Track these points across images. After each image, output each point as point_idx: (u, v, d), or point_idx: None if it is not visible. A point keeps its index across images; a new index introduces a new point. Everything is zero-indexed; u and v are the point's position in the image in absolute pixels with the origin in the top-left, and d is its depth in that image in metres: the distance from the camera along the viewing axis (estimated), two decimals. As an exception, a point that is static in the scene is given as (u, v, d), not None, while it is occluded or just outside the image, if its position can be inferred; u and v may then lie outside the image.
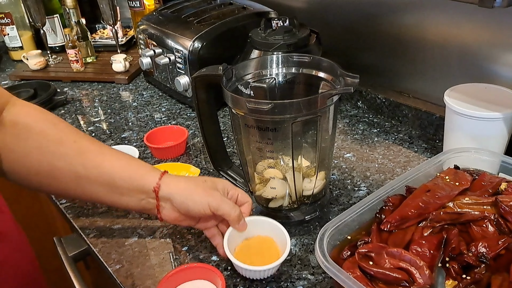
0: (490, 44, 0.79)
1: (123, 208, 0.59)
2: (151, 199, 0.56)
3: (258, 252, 0.61)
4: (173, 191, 0.55)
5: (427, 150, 0.86)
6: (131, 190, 0.55)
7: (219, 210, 0.56)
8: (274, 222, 0.62)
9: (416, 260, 0.52)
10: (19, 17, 1.41)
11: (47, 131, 0.54)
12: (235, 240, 0.61)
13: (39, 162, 0.53)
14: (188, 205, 0.56)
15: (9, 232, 0.52)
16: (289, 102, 0.56)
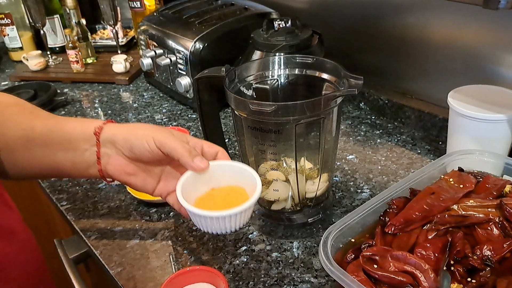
0: (494, 46, 0.79)
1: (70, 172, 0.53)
2: (94, 147, 0.50)
3: (222, 203, 0.51)
4: (117, 131, 0.50)
5: (430, 152, 0.86)
6: (74, 141, 0.51)
7: (166, 145, 0.48)
8: (246, 168, 0.52)
9: (421, 263, 0.51)
10: (19, 18, 1.41)
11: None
12: (197, 188, 0.52)
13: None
14: (131, 141, 0.49)
15: (17, 230, 0.51)
16: (293, 104, 0.56)
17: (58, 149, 0.51)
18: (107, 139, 0.50)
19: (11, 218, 0.51)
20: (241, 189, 0.52)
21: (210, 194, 0.52)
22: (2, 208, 0.50)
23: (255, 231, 0.69)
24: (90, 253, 0.71)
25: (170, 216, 0.74)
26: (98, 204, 0.78)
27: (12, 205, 0.52)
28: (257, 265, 0.63)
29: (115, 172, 0.52)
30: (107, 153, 0.51)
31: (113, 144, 0.50)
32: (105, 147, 0.51)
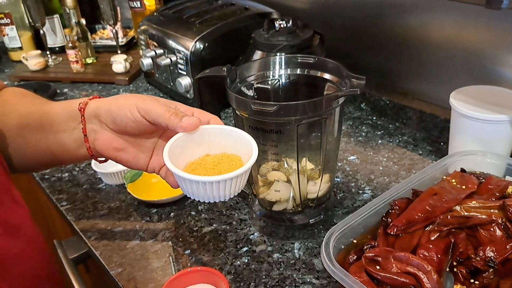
0: (496, 46, 0.79)
1: (63, 156, 0.52)
2: (81, 124, 0.49)
3: (214, 170, 0.46)
4: (100, 104, 0.48)
5: (432, 152, 0.85)
6: (63, 121, 0.49)
7: (151, 112, 0.45)
8: (241, 133, 0.47)
9: (424, 264, 0.51)
10: (18, 17, 1.40)
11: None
12: (188, 153, 0.47)
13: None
14: (112, 111, 0.46)
15: (24, 226, 0.50)
16: (295, 104, 0.55)
17: (49, 132, 0.50)
18: (92, 113, 0.48)
19: (18, 214, 0.50)
20: (236, 156, 0.48)
21: (202, 160, 0.48)
22: (10, 203, 0.49)
23: (256, 232, 0.69)
24: (90, 253, 0.70)
25: (171, 217, 0.73)
26: (98, 205, 0.77)
27: (20, 201, 0.52)
28: (258, 266, 0.63)
29: (103, 148, 0.49)
30: (93, 129, 0.49)
31: (97, 117, 0.48)
32: (91, 123, 0.49)
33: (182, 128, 0.45)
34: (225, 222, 0.71)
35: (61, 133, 0.50)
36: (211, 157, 0.48)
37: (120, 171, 0.80)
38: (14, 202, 0.51)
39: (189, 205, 0.76)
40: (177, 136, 0.46)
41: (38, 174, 0.87)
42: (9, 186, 0.51)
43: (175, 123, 0.45)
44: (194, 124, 0.45)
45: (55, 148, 0.51)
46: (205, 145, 0.48)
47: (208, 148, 0.48)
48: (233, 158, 0.47)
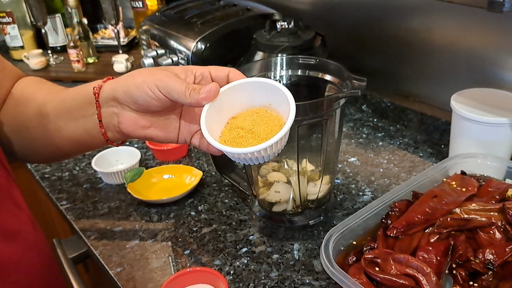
0: (497, 49, 0.79)
1: (88, 141, 0.50)
2: (92, 104, 0.47)
3: (253, 132, 0.45)
4: (115, 85, 0.46)
5: (433, 155, 0.85)
6: (80, 107, 0.48)
7: (172, 91, 0.44)
8: (264, 82, 0.45)
9: (423, 266, 0.51)
10: (20, 16, 1.40)
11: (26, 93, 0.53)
12: (220, 120, 0.46)
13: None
14: (131, 93, 0.44)
15: (25, 231, 0.49)
16: (295, 105, 0.55)
17: (69, 119, 0.49)
18: (109, 96, 0.46)
19: (18, 218, 0.50)
20: (265, 110, 0.46)
21: (233, 124, 0.46)
22: (11, 208, 0.49)
23: (255, 233, 0.69)
24: (89, 253, 0.70)
25: (170, 217, 0.73)
26: (98, 204, 0.77)
27: (22, 206, 0.51)
28: (258, 267, 0.63)
29: (130, 129, 0.47)
30: (114, 112, 0.47)
31: (116, 100, 0.46)
32: (110, 106, 0.47)
33: (204, 100, 0.44)
34: (224, 222, 0.71)
35: (81, 119, 0.49)
36: (241, 117, 0.46)
37: (120, 171, 0.80)
38: (15, 206, 0.50)
39: (189, 205, 0.76)
40: (205, 108, 0.45)
41: (39, 173, 0.87)
42: (10, 189, 0.50)
43: (195, 99, 0.43)
44: (213, 93, 0.44)
45: (78, 136, 0.50)
46: (231, 106, 0.46)
47: (234, 108, 0.46)
48: (265, 114, 0.45)
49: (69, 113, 0.49)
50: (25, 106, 0.52)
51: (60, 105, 0.50)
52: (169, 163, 0.87)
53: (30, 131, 0.52)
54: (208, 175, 0.83)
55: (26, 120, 0.52)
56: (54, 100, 0.51)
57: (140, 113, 0.47)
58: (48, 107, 0.51)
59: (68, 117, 0.49)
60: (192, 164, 0.86)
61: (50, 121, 0.50)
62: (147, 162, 0.88)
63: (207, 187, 0.80)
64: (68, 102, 0.50)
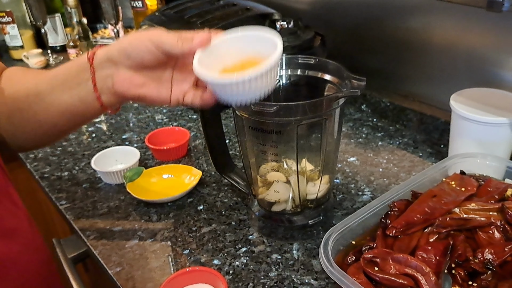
0: (497, 49, 0.79)
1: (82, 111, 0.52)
2: (87, 71, 0.49)
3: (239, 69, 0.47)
4: (110, 47, 0.48)
5: (432, 155, 0.85)
6: (74, 75, 0.50)
7: (164, 44, 0.46)
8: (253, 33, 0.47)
9: (422, 266, 0.51)
10: (20, 16, 1.40)
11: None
12: (214, 67, 0.47)
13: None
14: (126, 49, 0.47)
15: (22, 229, 0.50)
16: (295, 105, 0.55)
17: (63, 90, 0.50)
18: (103, 59, 0.48)
19: (17, 216, 0.50)
20: (253, 58, 0.47)
21: (228, 70, 0.48)
22: (8, 206, 0.49)
23: (255, 233, 0.69)
24: (89, 252, 0.70)
25: (170, 217, 0.73)
26: (97, 204, 0.77)
27: (19, 203, 0.51)
28: (257, 267, 0.63)
29: (124, 88, 0.49)
30: (108, 74, 0.49)
31: (110, 60, 0.48)
32: (103, 69, 0.49)
33: (197, 46, 0.46)
34: (224, 222, 0.72)
35: (75, 88, 0.50)
36: (233, 67, 0.47)
37: (119, 171, 0.80)
38: (12, 203, 0.51)
39: (188, 205, 0.76)
40: (197, 54, 0.46)
41: (38, 173, 0.87)
42: (6, 187, 0.50)
43: (188, 46, 0.46)
44: (205, 39, 0.46)
45: (73, 106, 0.51)
46: (226, 56, 0.47)
47: (229, 58, 0.48)
48: (255, 61, 0.46)
49: (62, 84, 0.50)
50: (14, 90, 0.53)
51: (53, 81, 0.51)
52: (169, 163, 0.87)
53: (23, 113, 0.52)
54: (208, 174, 0.83)
55: (18, 103, 0.52)
56: (45, 78, 0.52)
57: (134, 70, 0.48)
58: (40, 85, 0.52)
59: (61, 89, 0.50)
60: (191, 164, 0.86)
61: (43, 97, 0.51)
62: (146, 162, 0.88)
63: (207, 186, 0.80)
64: (61, 75, 0.51)
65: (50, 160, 0.91)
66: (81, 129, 1.02)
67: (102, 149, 0.89)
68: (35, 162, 0.90)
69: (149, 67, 0.49)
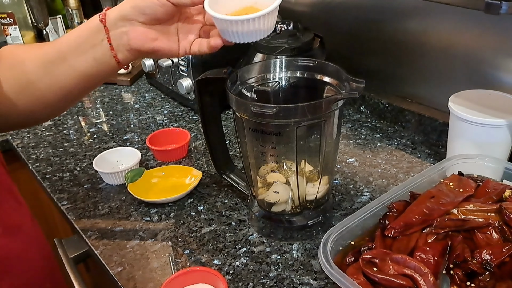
0: (494, 51, 0.79)
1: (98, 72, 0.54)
2: (102, 32, 0.52)
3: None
4: (121, 6, 0.51)
5: (430, 156, 0.86)
6: (87, 38, 0.52)
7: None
8: None
9: (421, 266, 0.52)
10: (21, 17, 1.41)
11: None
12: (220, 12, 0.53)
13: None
14: (138, 5, 0.50)
15: (25, 226, 0.51)
16: (294, 106, 0.56)
17: (78, 54, 0.52)
18: (116, 18, 0.51)
19: (20, 213, 0.51)
20: (252, 7, 0.54)
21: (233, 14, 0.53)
22: (12, 203, 0.50)
23: (255, 233, 0.70)
24: (90, 252, 0.71)
25: (171, 217, 0.74)
26: (98, 204, 0.78)
27: (21, 200, 0.52)
28: (257, 267, 0.63)
29: (139, 43, 0.52)
30: (123, 31, 0.51)
31: (124, 18, 0.51)
32: (117, 28, 0.51)
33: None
34: (224, 222, 0.72)
35: (90, 51, 0.52)
36: (237, 12, 0.53)
37: (120, 171, 0.81)
38: (15, 200, 0.51)
39: (189, 205, 0.76)
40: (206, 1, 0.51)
41: (40, 174, 0.87)
42: (10, 185, 0.51)
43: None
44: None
45: (89, 68, 0.53)
46: (229, 4, 0.53)
47: (232, 6, 0.54)
48: (254, 10, 0.53)
49: (76, 49, 0.53)
50: (23, 64, 0.54)
51: (64, 48, 0.53)
52: (169, 164, 0.87)
53: (37, 84, 0.54)
54: (208, 175, 0.83)
55: (30, 75, 0.54)
56: (55, 47, 0.54)
57: (148, 25, 0.52)
58: (50, 54, 0.53)
59: (76, 53, 0.53)
60: (192, 165, 0.86)
61: (57, 65, 0.53)
62: (147, 163, 0.88)
63: (207, 187, 0.81)
64: (73, 40, 0.53)
65: (51, 161, 0.91)
66: (82, 130, 1.03)
67: (103, 150, 0.90)
68: (37, 163, 0.91)
69: (161, 21, 0.52)
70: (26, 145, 0.97)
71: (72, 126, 1.05)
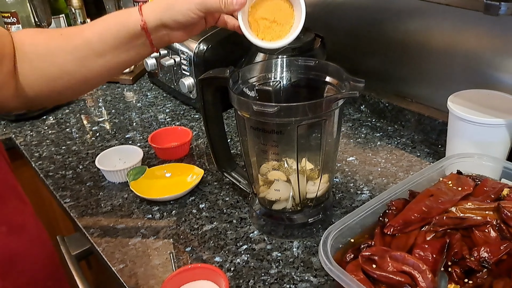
0: (493, 51, 0.80)
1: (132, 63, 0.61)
2: (143, 38, 0.58)
3: (273, 20, 0.62)
4: (161, 14, 0.56)
5: (430, 155, 0.87)
6: (128, 42, 0.57)
7: (207, 6, 0.56)
8: None
9: (419, 264, 0.52)
10: (24, 17, 1.41)
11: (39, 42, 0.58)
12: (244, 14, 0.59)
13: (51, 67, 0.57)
14: (175, 16, 0.56)
15: (28, 224, 0.52)
16: (295, 105, 0.57)
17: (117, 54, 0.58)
18: (157, 24, 0.57)
19: (24, 212, 0.52)
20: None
21: (256, 15, 0.60)
22: (15, 202, 0.51)
23: (255, 231, 0.70)
24: (92, 250, 0.71)
25: (172, 215, 0.75)
26: (101, 202, 0.79)
27: (25, 199, 0.53)
28: (258, 264, 0.64)
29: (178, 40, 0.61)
30: (164, 35, 0.59)
31: (164, 26, 0.57)
32: (158, 32, 0.58)
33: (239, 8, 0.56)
34: (225, 220, 0.73)
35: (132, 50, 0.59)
36: (260, 7, 0.60)
37: (123, 169, 0.82)
38: (19, 199, 0.52)
39: (191, 203, 0.77)
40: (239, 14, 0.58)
41: (43, 172, 0.88)
42: (14, 183, 0.52)
43: (232, 9, 0.56)
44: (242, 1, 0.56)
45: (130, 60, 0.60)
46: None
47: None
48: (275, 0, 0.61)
49: (115, 49, 0.58)
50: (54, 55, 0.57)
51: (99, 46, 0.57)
52: (171, 162, 0.88)
53: (71, 75, 0.58)
54: (209, 173, 0.84)
55: (64, 67, 0.57)
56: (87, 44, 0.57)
57: (184, 29, 0.59)
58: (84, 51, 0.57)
59: (115, 53, 0.58)
60: (193, 163, 0.87)
61: (94, 60, 0.58)
62: (149, 161, 0.89)
63: (208, 185, 0.81)
64: (110, 40, 0.57)
65: (54, 159, 0.92)
66: (85, 128, 1.04)
67: (105, 148, 0.90)
68: (40, 161, 0.91)
69: (195, 23, 0.59)
70: (29, 143, 0.98)
71: (74, 124, 1.06)
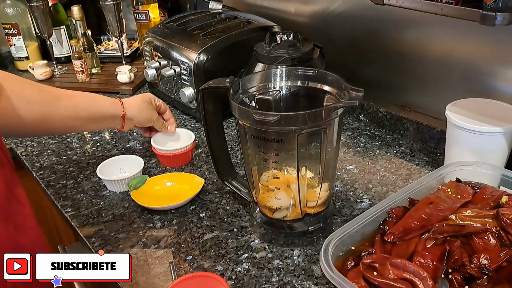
0: (491, 60, 0.81)
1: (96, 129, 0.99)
2: (120, 121, 0.82)
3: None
4: (133, 113, 0.83)
5: (428, 163, 0.87)
6: (109, 120, 0.80)
7: (154, 123, 0.88)
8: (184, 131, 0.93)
9: (420, 271, 0.53)
10: (25, 28, 1.43)
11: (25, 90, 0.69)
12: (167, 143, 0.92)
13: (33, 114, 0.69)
14: (140, 121, 0.86)
15: (29, 224, 0.54)
16: (295, 114, 0.57)
17: (95, 125, 0.81)
18: (131, 118, 0.83)
19: (23, 213, 0.53)
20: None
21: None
22: (14, 204, 0.52)
23: (256, 239, 0.70)
24: (93, 259, 0.71)
25: (173, 224, 0.75)
26: (102, 211, 0.79)
27: (25, 202, 0.54)
28: (259, 272, 0.64)
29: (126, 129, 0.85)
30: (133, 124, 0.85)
31: (131, 120, 0.84)
32: (129, 123, 0.84)
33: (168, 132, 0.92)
34: (226, 229, 0.73)
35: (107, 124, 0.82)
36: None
37: (124, 179, 0.82)
38: (18, 203, 0.54)
39: (191, 212, 0.77)
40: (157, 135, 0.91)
41: (44, 181, 0.88)
42: (14, 187, 0.53)
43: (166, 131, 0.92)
44: (172, 131, 0.92)
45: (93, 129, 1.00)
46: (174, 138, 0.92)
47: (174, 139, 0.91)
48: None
49: (97, 122, 0.80)
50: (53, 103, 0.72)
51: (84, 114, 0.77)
52: (172, 171, 0.88)
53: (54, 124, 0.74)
54: (210, 182, 0.85)
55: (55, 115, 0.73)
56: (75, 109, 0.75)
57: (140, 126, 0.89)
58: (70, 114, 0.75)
59: (94, 124, 0.81)
60: (194, 172, 0.88)
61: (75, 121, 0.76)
62: (150, 170, 0.90)
63: (209, 194, 0.82)
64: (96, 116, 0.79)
65: (55, 169, 0.92)
66: (85, 139, 1.04)
67: (106, 157, 0.91)
68: (41, 171, 0.92)
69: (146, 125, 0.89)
70: (30, 153, 0.98)
71: (75, 134, 1.06)
